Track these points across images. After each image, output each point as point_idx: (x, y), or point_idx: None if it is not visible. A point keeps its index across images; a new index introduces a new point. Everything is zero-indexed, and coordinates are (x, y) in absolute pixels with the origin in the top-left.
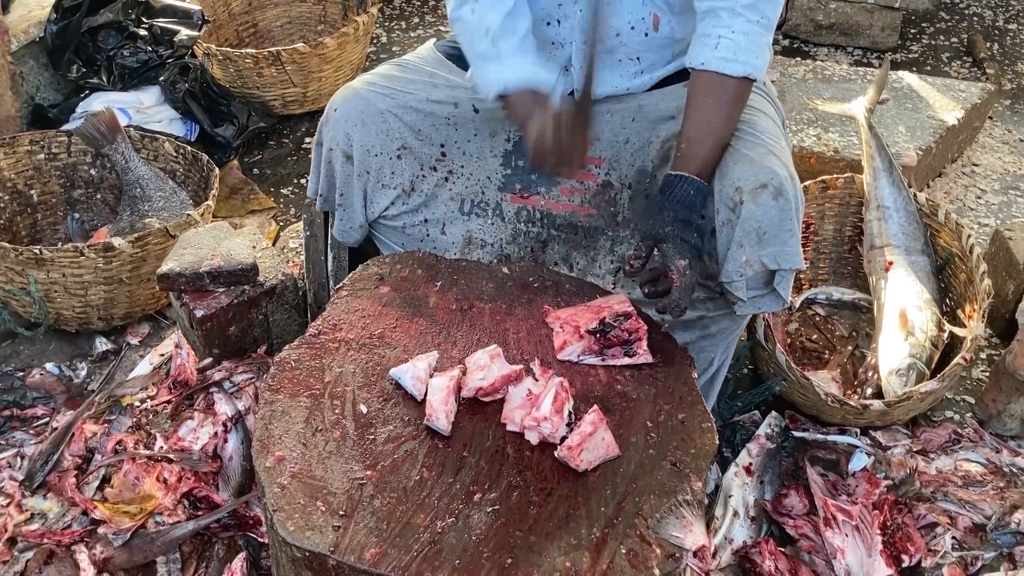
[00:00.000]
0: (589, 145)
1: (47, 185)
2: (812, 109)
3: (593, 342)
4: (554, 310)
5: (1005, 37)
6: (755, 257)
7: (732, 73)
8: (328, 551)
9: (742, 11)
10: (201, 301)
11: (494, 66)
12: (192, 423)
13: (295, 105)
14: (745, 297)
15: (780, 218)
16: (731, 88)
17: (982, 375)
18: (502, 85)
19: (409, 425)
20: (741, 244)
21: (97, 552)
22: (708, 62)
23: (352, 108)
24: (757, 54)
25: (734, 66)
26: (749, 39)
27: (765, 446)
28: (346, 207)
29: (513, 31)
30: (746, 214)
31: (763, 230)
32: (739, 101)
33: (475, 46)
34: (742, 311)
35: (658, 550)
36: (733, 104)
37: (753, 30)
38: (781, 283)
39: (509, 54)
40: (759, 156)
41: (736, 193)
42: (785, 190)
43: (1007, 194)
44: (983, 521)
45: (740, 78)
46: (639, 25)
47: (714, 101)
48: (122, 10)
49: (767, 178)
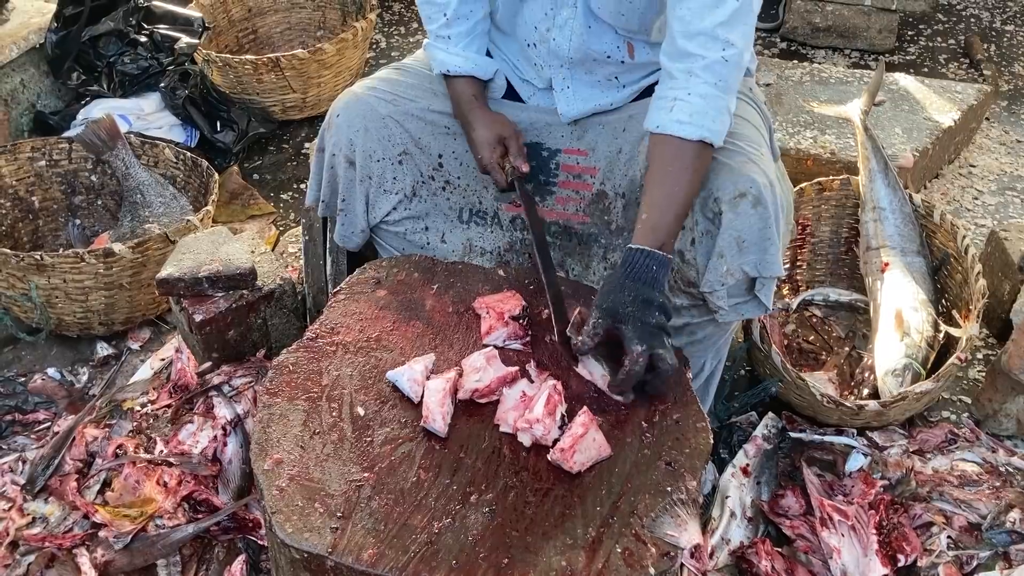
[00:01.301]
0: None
1: (48, 191)
2: (809, 111)
3: (518, 328)
4: (483, 297)
5: (1002, 39)
6: (736, 266)
7: (688, 136)
8: (326, 552)
9: (699, 72)
10: (200, 306)
11: (442, 46)
12: (192, 427)
13: (295, 111)
14: (726, 306)
15: (760, 226)
16: (688, 152)
17: (978, 375)
18: (446, 68)
19: (406, 427)
20: (722, 254)
21: (98, 555)
22: (663, 125)
23: (355, 113)
24: (715, 118)
25: (689, 129)
26: (706, 102)
27: (762, 447)
28: (348, 212)
29: (468, 16)
30: (726, 224)
31: (743, 239)
32: (699, 165)
33: (432, 23)
34: (723, 319)
35: (653, 549)
36: (693, 170)
37: (710, 92)
38: (763, 290)
39: (457, 39)
40: (738, 164)
41: (715, 204)
42: (763, 198)
43: (1004, 195)
44: (979, 520)
45: (696, 142)
46: (615, 54)
47: (673, 168)
48: (123, 18)
49: (746, 187)
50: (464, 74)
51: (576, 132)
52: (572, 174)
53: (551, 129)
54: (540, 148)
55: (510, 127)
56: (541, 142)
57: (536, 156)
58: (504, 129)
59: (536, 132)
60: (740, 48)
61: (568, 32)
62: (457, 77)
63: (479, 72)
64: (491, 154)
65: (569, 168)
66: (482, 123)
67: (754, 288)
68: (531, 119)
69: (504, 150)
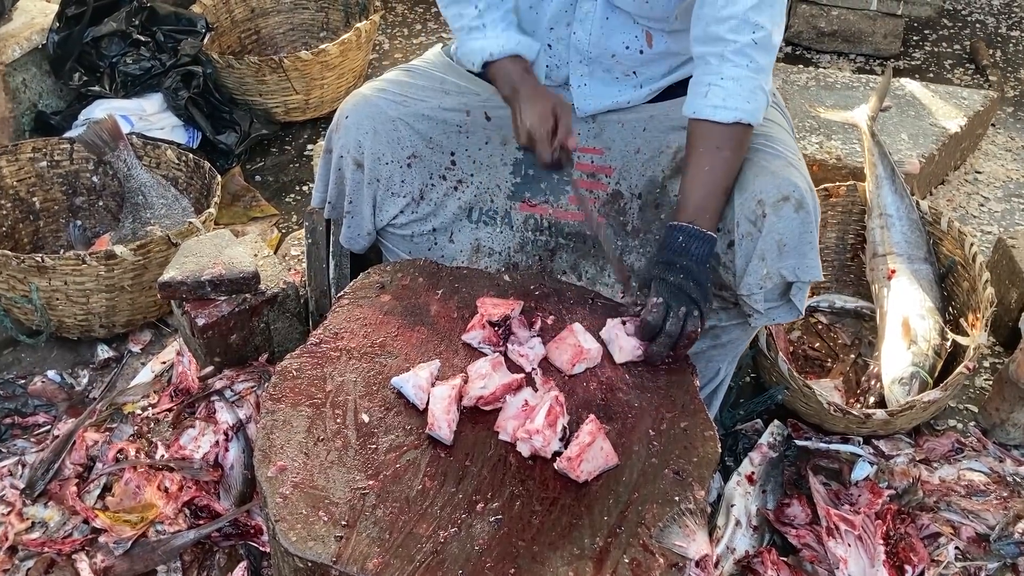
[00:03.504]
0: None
1: (49, 192)
2: (814, 116)
3: (492, 334)
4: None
5: (1008, 44)
6: (775, 269)
7: (722, 120)
8: (331, 561)
9: (731, 56)
10: (202, 309)
11: (478, 36)
12: (193, 431)
13: (297, 112)
14: (762, 309)
15: (801, 230)
16: (724, 135)
17: (985, 384)
18: (487, 54)
19: (411, 434)
20: (763, 257)
21: (98, 561)
22: (699, 110)
23: (363, 115)
24: (748, 98)
25: (724, 112)
26: (739, 84)
27: (767, 455)
28: (355, 214)
29: (499, 4)
30: (768, 227)
31: (784, 242)
32: (735, 147)
33: (462, 20)
34: (757, 323)
35: (661, 559)
36: (729, 150)
37: (742, 75)
38: (798, 295)
39: (492, 25)
40: (779, 168)
41: (758, 206)
42: (806, 202)
43: (1010, 201)
44: (986, 531)
45: (732, 124)
46: (633, 44)
47: (706, 149)
48: (126, 18)
49: (789, 191)
50: (508, 54)
51: (593, 130)
52: (587, 173)
53: None
54: None
55: (561, 99)
56: None
57: None
58: (557, 102)
59: None
60: (770, 30)
61: (588, 26)
62: (501, 60)
63: (523, 50)
64: (541, 124)
65: (583, 167)
66: (533, 94)
67: (788, 292)
68: None
69: (555, 124)
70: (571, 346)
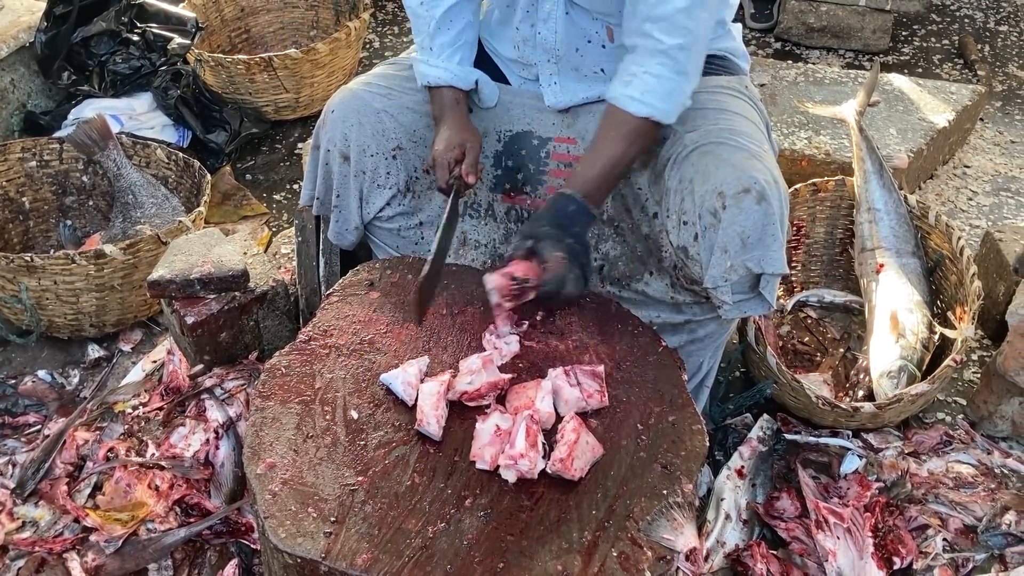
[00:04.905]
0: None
1: (39, 192)
2: (803, 112)
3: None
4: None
5: (996, 39)
6: (739, 262)
7: (634, 112)
8: (320, 557)
9: (658, 54)
10: (192, 308)
11: (423, 59)
12: (184, 430)
13: (287, 111)
14: (730, 302)
15: (763, 223)
16: (631, 125)
17: (973, 377)
18: (427, 80)
19: (400, 430)
20: (725, 249)
21: (89, 560)
22: (616, 97)
23: (349, 109)
24: (664, 98)
25: (637, 105)
26: (660, 82)
27: (757, 449)
28: (342, 208)
29: (449, 26)
30: (729, 219)
31: (747, 235)
32: (638, 138)
33: (418, 35)
34: (727, 315)
35: (649, 552)
36: (631, 140)
37: (665, 74)
38: (767, 287)
39: (439, 51)
40: (740, 161)
41: (719, 198)
42: (768, 194)
43: (998, 195)
44: (974, 523)
45: (642, 118)
46: (595, 39)
47: (615, 134)
48: (115, 17)
49: (749, 183)
50: (444, 84)
51: (567, 120)
52: (563, 163)
53: (541, 117)
54: (531, 136)
55: (477, 138)
56: (532, 130)
57: (527, 145)
58: (470, 138)
59: (527, 120)
60: (698, 35)
61: (552, 24)
62: (438, 87)
63: (458, 82)
64: (445, 152)
65: (560, 157)
66: (452, 124)
67: (758, 285)
68: (522, 106)
69: (461, 155)
70: (528, 397)
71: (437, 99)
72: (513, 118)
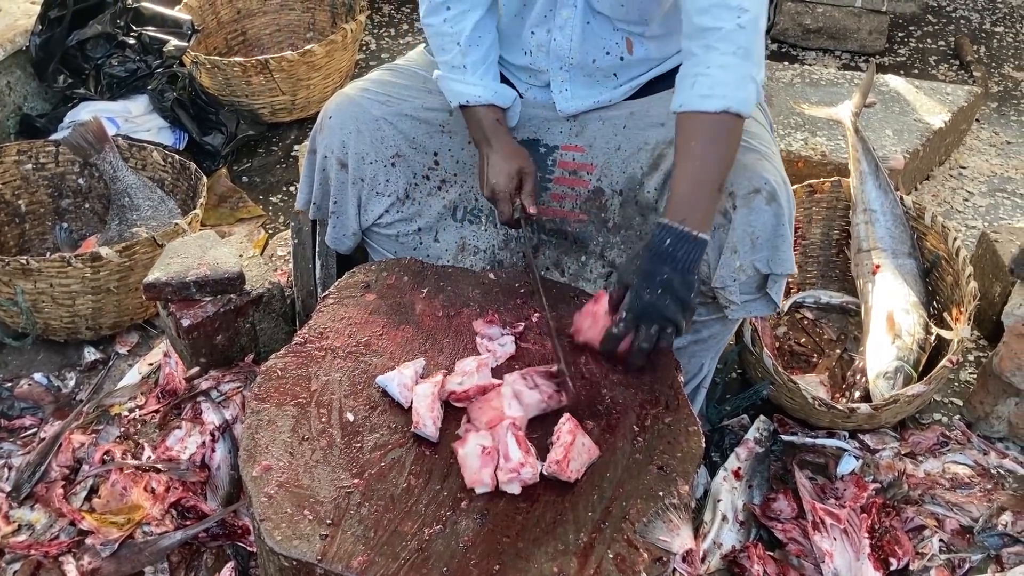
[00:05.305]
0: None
1: (35, 195)
2: (799, 113)
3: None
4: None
5: (992, 40)
6: (748, 262)
7: (710, 109)
8: (316, 560)
9: (716, 45)
10: (188, 310)
11: (458, 77)
12: (180, 432)
13: (284, 113)
14: (738, 301)
15: (773, 223)
16: (713, 125)
17: (969, 377)
18: (464, 99)
19: (396, 432)
20: (735, 250)
21: (85, 563)
22: (686, 103)
23: (347, 115)
24: (737, 86)
25: (711, 101)
26: (726, 72)
27: (754, 450)
28: (340, 215)
29: (479, 42)
30: (739, 219)
31: (756, 235)
32: (726, 138)
33: (445, 53)
34: (734, 315)
35: (645, 554)
36: (720, 142)
37: (730, 62)
38: (773, 288)
39: (473, 67)
40: (751, 161)
41: (729, 199)
42: (778, 195)
43: (994, 196)
44: (971, 523)
45: (720, 113)
46: (614, 50)
47: (698, 142)
48: (111, 20)
49: (760, 183)
50: (484, 103)
51: (575, 128)
52: (568, 170)
53: (549, 125)
54: (538, 144)
55: (531, 163)
56: (539, 138)
57: (533, 152)
58: (525, 163)
59: (534, 128)
60: (754, 13)
61: (568, 32)
62: (476, 106)
63: (499, 100)
64: (507, 183)
65: (565, 164)
66: (504, 151)
67: (765, 286)
68: (529, 114)
69: (519, 183)
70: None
71: (474, 120)
72: (519, 126)
